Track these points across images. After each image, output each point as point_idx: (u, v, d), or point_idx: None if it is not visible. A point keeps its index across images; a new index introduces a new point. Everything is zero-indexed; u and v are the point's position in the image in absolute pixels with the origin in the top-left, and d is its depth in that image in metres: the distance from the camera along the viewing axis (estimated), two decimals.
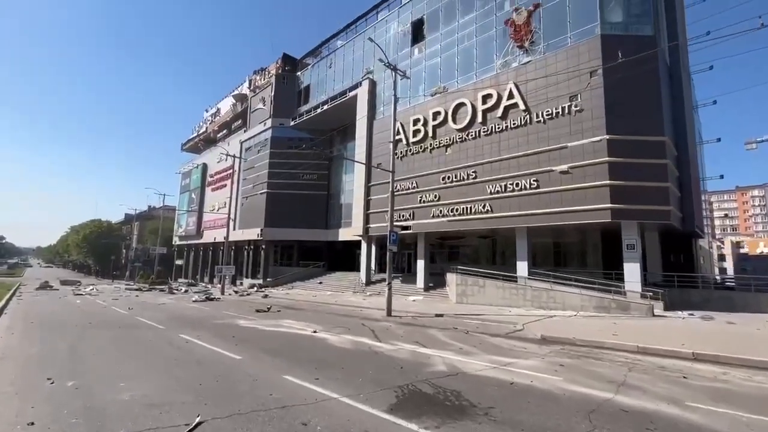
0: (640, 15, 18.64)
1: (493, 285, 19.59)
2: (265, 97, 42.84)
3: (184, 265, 56.99)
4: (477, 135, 22.54)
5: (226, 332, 10.42)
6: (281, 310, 17.19)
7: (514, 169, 20.52)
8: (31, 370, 5.97)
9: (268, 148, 40.20)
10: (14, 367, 6.17)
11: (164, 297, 26.11)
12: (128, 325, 11.54)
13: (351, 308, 18.99)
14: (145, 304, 19.72)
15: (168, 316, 14.34)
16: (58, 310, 16.18)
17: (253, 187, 41.18)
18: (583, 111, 18.29)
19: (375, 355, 7.69)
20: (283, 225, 38.03)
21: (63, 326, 11.03)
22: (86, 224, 77.99)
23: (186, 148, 64.20)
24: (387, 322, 13.79)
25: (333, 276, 35.57)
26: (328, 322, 13.17)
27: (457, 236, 28.75)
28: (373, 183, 29.16)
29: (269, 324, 12.39)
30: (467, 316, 15.28)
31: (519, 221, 20.15)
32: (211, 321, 13.07)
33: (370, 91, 30.69)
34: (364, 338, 9.75)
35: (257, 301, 22.64)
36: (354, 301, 23.06)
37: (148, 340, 8.87)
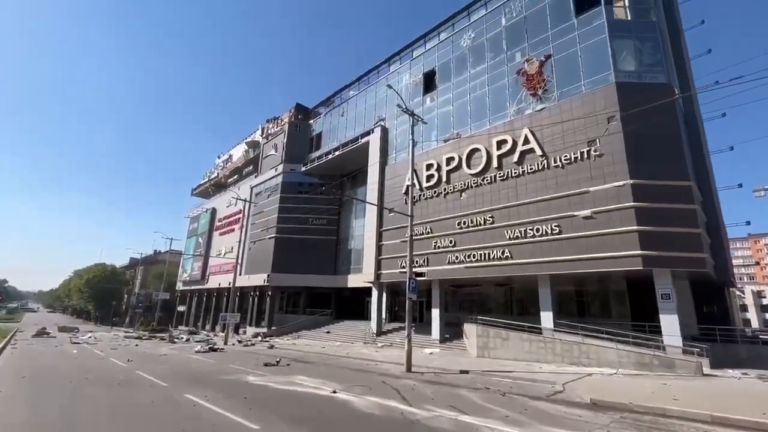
0: (653, 64, 18.97)
1: (517, 338, 18.26)
2: (277, 144, 43.75)
3: (186, 311, 55.29)
4: (493, 180, 22.27)
5: (237, 392, 9.33)
6: (291, 364, 15.92)
7: (533, 213, 19.96)
8: None
9: (278, 193, 40.30)
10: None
11: (165, 347, 24.71)
12: (128, 383, 10.45)
13: (365, 362, 17.64)
14: (145, 356, 18.47)
15: (170, 370, 13.18)
16: (52, 362, 15.03)
17: (262, 232, 40.78)
18: (603, 156, 18.03)
19: (412, 425, 6.62)
20: (291, 270, 37.10)
21: (56, 384, 9.98)
22: (90, 268, 77.14)
23: (196, 192, 64.90)
24: (409, 379, 12.54)
25: (341, 325, 33.99)
26: (345, 379, 11.98)
27: (471, 284, 27.65)
28: (386, 228, 28.62)
29: (282, 381, 11.24)
30: (495, 373, 13.98)
31: (541, 268, 19.22)
32: (218, 377, 11.92)
33: (382, 138, 31.11)
34: (392, 401, 8.63)
35: (263, 353, 21.25)
36: (366, 353, 21.60)
37: (150, 403, 7.83)
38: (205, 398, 8.29)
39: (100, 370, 13.00)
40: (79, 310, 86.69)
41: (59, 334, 34.06)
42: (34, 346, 22.29)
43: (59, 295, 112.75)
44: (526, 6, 23.34)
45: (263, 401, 8.16)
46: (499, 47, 24.25)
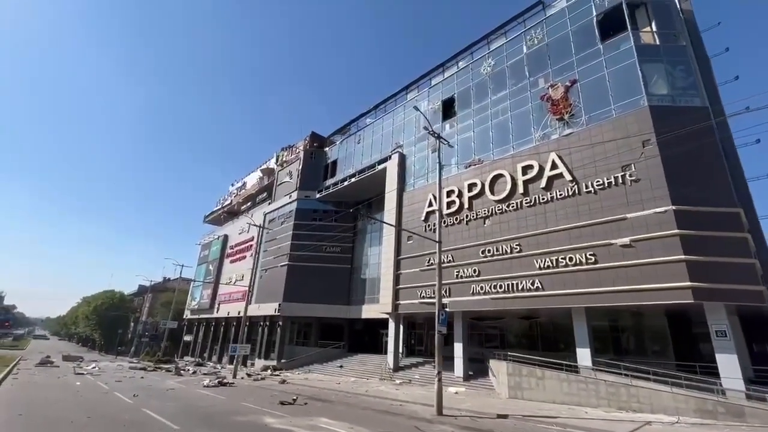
0: (686, 87, 18.37)
1: (554, 377, 16.69)
2: (292, 171, 43.72)
3: (192, 341, 53.70)
4: (519, 206, 21.36)
5: None
6: (308, 402, 14.57)
7: (565, 241, 18.87)
8: None
9: (292, 220, 39.75)
10: None
11: (171, 379, 23.37)
12: (134, 424, 9.34)
13: (387, 401, 16.18)
14: (151, 390, 17.24)
15: (180, 409, 12.00)
16: (53, 396, 13.91)
17: (274, 259, 39.92)
18: (639, 181, 17.11)
19: None
20: (303, 300, 35.86)
21: (55, 425, 8.92)
22: (98, 295, 76.40)
23: (208, 219, 64.86)
24: (444, 425, 11.18)
25: (354, 359, 32.27)
26: (374, 424, 10.68)
27: (493, 316, 26.15)
28: (404, 256, 27.57)
29: (304, 425, 10.00)
30: (538, 419, 12.50)
31: (576, 300, 17.89)
32: (233, 417, 10.72)
33: (399, 164, 30.68)
34: None
35: (276, 388, 19.82)
36: (385, 391, 20.05)
37: None
38: None
39: (104, 406, 11.87)
40: (84, 338, 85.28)
41: (63, 363, 32.84)
42: (36, 377, 21.18)
43: (66, 322, 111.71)
44: (548, 33, 23.27)
45: None
46: (521, 74, 24.04)
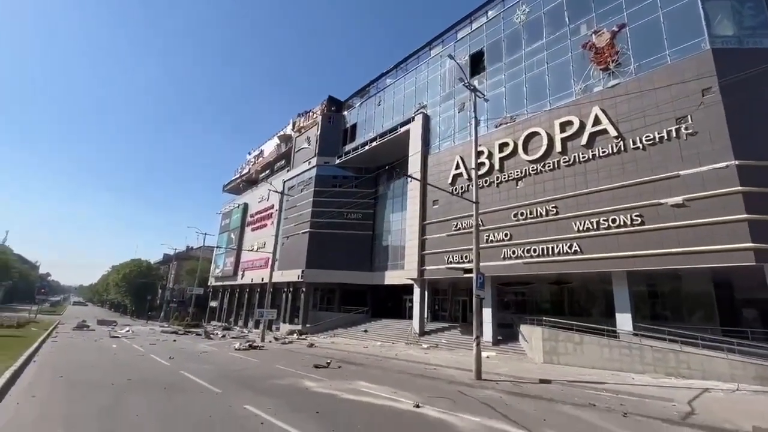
0: (756, 27, 16.26)
1: (594, 343, 16.06)
2: (310, 137, 42.66)
3: (218, 307, 55.32)
4: (556, 166, 20.05)
5: (303, 403, 7.80)
6: (342, 366, 14.40)
7: (607, 202, 17.66)
8: None
9: (312, 187, 39.17)
10: None
11: (202, 343, 23.86)
12: (175, 387, 9.14)
13: (420, 365, 15.93)
14: (185, 352, 17.45)
15: (217, 371, 11.90)
16: (92, 359, 14.09)
17: (295, 227, 39.79)
18: (697, 134, 15.55)
19: None
20: (325, 266, 35.87)
21: (96, 387, 8.76)
22: (127, 264, 79.12)
23: (227, 189, 65.04)
24: (488, 389, 10.72)
25: (378, 324, 32.42)
26: (414, 388, 10.30)
27: (521, 282, 25.45)
28: (429, 221, 26.78)
29: (345, 389, 9.67)
30: (583, 384, 11.95)
31: (618, 264, 16.92)
32: (271, 381, 10.49)
33: (423, 126, 29.25)
34: (499, 422, 6.88)
35: (305, 352, 19.91)
36: (415, 355, 19.89)
37: (208, 418, 6.37)
38: (270, 412, 6.77)
39: (143, 369, 11.87)
40: (116, 304, 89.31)
41: (98, 327, 34.13)
42: (74, 340, 21.85)
43: (98, 289, 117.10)
44: None
45: (344, 419, 6.56)
46: (559, 21, 21.92)
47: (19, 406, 6.54)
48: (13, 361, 11.00)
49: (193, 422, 5.99)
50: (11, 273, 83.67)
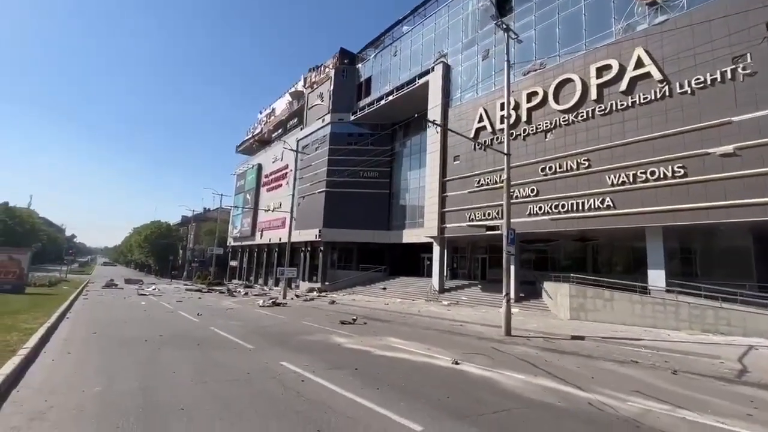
0: None
1: (626, 299, 15.61)
2: (323, 93, 41.07)
3: (238, 266, 56.72)
4: (590, 115, 18.68)
5: (340, 360, 7.63)
6: (368, 323, 14.38)
7: (646, 153, 16.48)
8: None
9: (326, 145, 38.23)
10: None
11: (227, 300, 24.40)
12: (208, 342, 9.10)
13: (445, 321, 15.83)
14: (211, 309, 17.75)
15: (245, 328, 11.93)
16: (123, 315, 14.38)
17: (311, 186, 39.36)
18: (756, 74, 14.00)
19: (633, 427, 4.46)
20: (342, 226, 35.75)
21: (130, 343, 8.75)
22: (147, 225, 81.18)
23: (240, 149, 64.49)
24: (520, 346, 10.47)
25: (396, 281, 32.65)
26: (446, 344, 10.11)
27: (544, 239, 24.78)
28: (450, 178, 25.91)
29: (378, 345, 9.51)
30: (618, 340, 11.63)
31: (655, 219, 16.06)
32: (301, 336, 10.43)
33: (444, 76, 27.55)
34: (545, 380, 6.57)
35: (328, 308, 20.10)
36: (437, 312, 19.89)
37: (244, 373, 6.20)
38: (307, 368, 6.57)
39: (174, 324, 11.98)
40: (141, 265, 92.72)
41: (126, 286, 35.36)
42: (104, 297, 22.54)
43: (122, 250, 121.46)
44: None
45: (383, 377, 6.31)
46: None
47: (54, 363, 6.47)
48: (47, 318, 11.17)
49: (231, 379, 5.80)
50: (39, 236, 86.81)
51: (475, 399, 5.24)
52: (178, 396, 4.87)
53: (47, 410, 4.20)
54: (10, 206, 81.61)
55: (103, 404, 4.44)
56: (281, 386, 5.42)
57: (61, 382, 5.29)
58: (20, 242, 54.97)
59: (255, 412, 4.31)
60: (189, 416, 4.13)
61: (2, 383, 4.63)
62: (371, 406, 4.68)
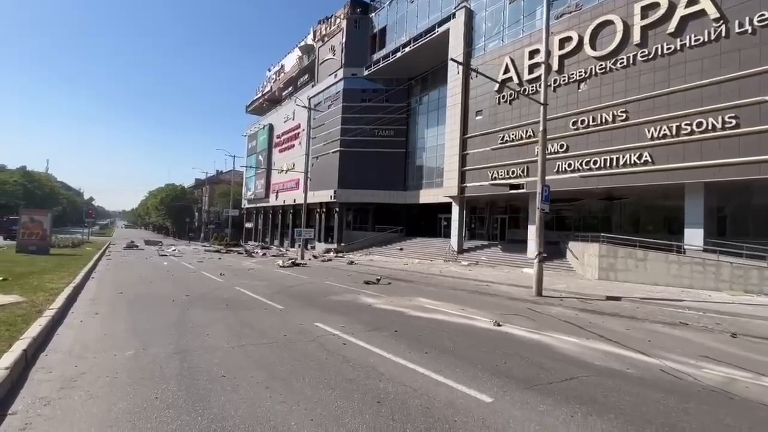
0: None
1: (661, 259, 14.93)
2: (334, 46, 38.92)
3: (253, 227, 57.20)
4: (630, 62, 17.08)
5: (373, 320, 7.31)
6: (392, 283, 14.11)
7: (693, 103, 15.10)
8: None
9: (340, 102, 36.74)
10: (99, 410, 3.22)
11: (246, 260, 24.52)
12: (235, 302, 8.86)
13: (469, 282, 15.49)
14: (233, 269, 17.73)
15: (271, 288, 11.74)
16: (147, 275, 14.36)
17: (325, 146, 38.36)
18: None
19: (726, 399, 3.96)
20: (358, 186, 35.10)
21: (158, 303, 8.56)
22: (162, 189, 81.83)
23: (250, 110, 62.99)
24: (555, 306, 10.06)
25: (413, 242, 32.38)
26: (477, 304, 9.77)
27: (569, 198, 23.80)
28: (471, 135, 24.69)
29: (409, 305, 9.18)
30: (657, 301, 11.11)
31: (698, 174, 15.01)
32: (330, 297, 10.16)
33: (466, 23, 25.51)
34: (599, 343, 6.13)
35: (348, 268, 19.96)
36: (458, 272, 19.57)
37: (281, 335, 5.87)
38: (345, 330, 6.23)
39: (199, 284, 11.85)
40: (158, 227, 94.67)
41: (146, 247, 35.97)
42: (126, 258, 22.81)
43: (140, 213, 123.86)
44: None
45: (427, 339, 5.92)
46: None
47: (83, 324, 6.23)
48: (73, 278, 11.09)
49: (268, 341, 5.47)
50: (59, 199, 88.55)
51: (535, 365, 4.81)
52: (217, 361, 4.53)
53: (78, 377, 3.89)
54: (28, 170, 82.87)
55: (138, 370, 4.12)
56: (324, 350, 5.06)
57: (91, 346, 5.01)
58: (41, 206, 56.01)
59: (303, 381, 3.93)
60: (233, 385, 3.77)
61: (29, 347, 4.32)
62: (426, 372, 4.28)
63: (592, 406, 3.56)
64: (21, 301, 6.89)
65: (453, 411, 3.31)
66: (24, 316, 5.72)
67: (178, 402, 3.32)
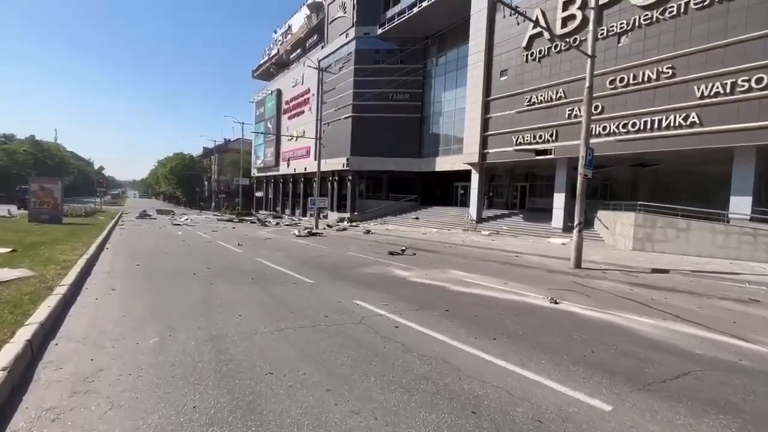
0: None
1: (705, 229, 13.94)
2: (345, 2, 36.49)
3: (263, 197, 56.69)
4: (681, 11, 15.34)
5: (413, 295, 6.67)
6: (417, 253, 13.40)
7: (752, 56, 13.56)
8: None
9: (351, 64, 34.88)
10: (122, 428, 2.49)
11: (261, 230, 24.01)
12: (261, 276, 8.22)
13: (496, 252, 14.77)
14: (250, 239, 17.17)
15: (294, 259, 11.11)
16: (163, 245, 13.81)
17: (336, 111, 36.87)
18: None
19: None
20: (371, 153, 33.91)
21: (179, 276, 7.95)
22: (171, 158, 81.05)
23: (257, 74, 60.82)
24: (601, 279, 9.29)
25: (428, 211, 31.56)
26: (516, 277, 9.06)
27: (599, 164, 22.44)
28: (494, 97, 23.17)
29: (445, 278, 8.49)
30: (709, 274, 10.27)
31: (752, 137, 13.71)
32: (359, 269, 9.50)
33: None
34: (684, 326, 5.33)
35: (366, 238, 19.31)
36: (481, 242, 18.83)
37: (321, 315, 5.18)
38: (389, 309, 5.55)
39: (217, 257, 11.22)
40: (169, 196, 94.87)
41: (159, 216, 35.70)
42: (140, 227, 22.43)
43: (150, 182, 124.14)
44: None
45: (486, 322, 5.21)
46: None
47: (98, 303, 5.59)
48: (86, 249, 10.55)
49: (310, 324, 4.79)
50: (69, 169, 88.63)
51: (629, 355, 4.07)
52: (257, 350, 3.85)
53: (95, 376, 3.20)
54: (37, 140, 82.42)
55: (167, 365, 3.45)
56: (376, 335, 4.36)
57: (109, 331, 4.37)
58: (52, 175, 55.92)
59: (368, 380, 3.22)
60: (285, 387, 3.06)
61: (35, 335, 3.65)
62: (510, 367, 3.56)
63: (740, 417, 2.81)
64: (30, 276, 6.29)
65: (573, 427, 2.59)
66: (32, 294, 5.10)
67: (223, 414, 2.62)
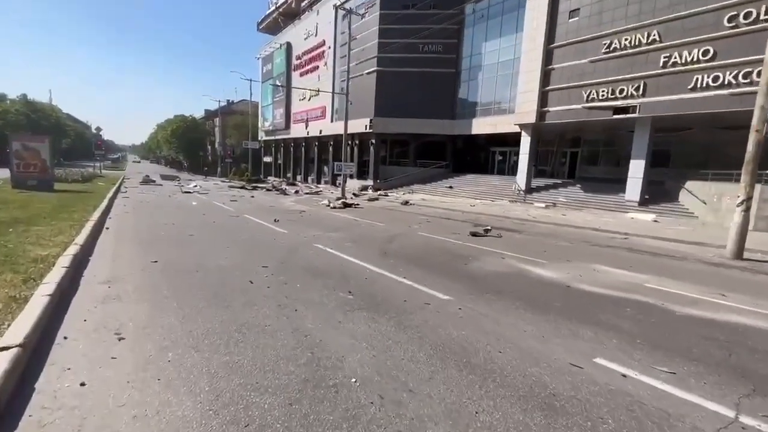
0: None
1: None
2: None
3: (272, 162, 53.27)
4: None
5: (598, 314, 4.00)
6: (501, 235, 10.57)
7: None
8: None
9: (377, 9, 30.56)
10: None
11: (284, 199, 21.15)
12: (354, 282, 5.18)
13: (586, 231, 12.06)
14: (281, 212, 14.29)
15: (359, 245, 8.28)
16: (181, 222, 10.83)
17: (357, 66, 32.75)
18: None
19: None
20: (397, 115, 30.33)
21: (228, 285, 4.81)
22: (172, 120, 76.66)
23: (263, 27, 55.62)
24: None
25: (463, 179, 28.51)
26: (686, 277, 6.29)
27: (674, 128, 19.14)
28: (559, 43, 19.49)
29: (625, 286, 5.70)
30: None
31: None
32: (468, 264, 6.74)
33: None
34: None
35: (412, 211, 16.46)
36: (549, 216, 16.04)
37: (496, 366, 2.46)
38: (614, 358, 2.77)
39: (262, 243, 8.11)
40: (171, 161, 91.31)
41: (164, 182, 32.72)
42: (145, 196, 19.49)
43: (150, 146, 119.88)
44: None
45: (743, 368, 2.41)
46: None
47: (87, 392, 2.66)
48: (76, 232, 7.56)
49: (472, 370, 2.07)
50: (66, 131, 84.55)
51: None
52: None
53: None
54: (30, 99, 77.88)
55: None
56: None
57: None
58: None
59: None
60: None
61: None
62: None
63: None
64: None
65: None
66: None
67: None
